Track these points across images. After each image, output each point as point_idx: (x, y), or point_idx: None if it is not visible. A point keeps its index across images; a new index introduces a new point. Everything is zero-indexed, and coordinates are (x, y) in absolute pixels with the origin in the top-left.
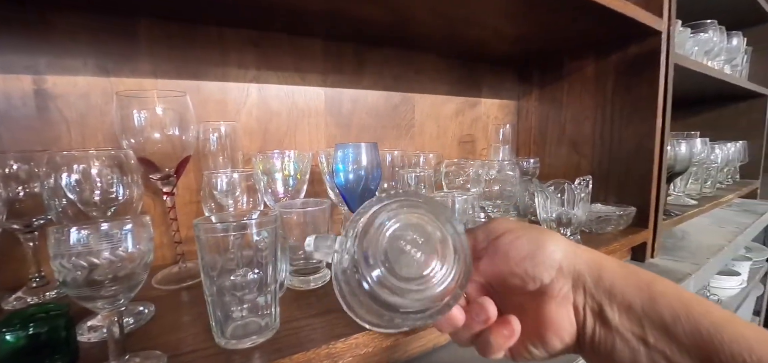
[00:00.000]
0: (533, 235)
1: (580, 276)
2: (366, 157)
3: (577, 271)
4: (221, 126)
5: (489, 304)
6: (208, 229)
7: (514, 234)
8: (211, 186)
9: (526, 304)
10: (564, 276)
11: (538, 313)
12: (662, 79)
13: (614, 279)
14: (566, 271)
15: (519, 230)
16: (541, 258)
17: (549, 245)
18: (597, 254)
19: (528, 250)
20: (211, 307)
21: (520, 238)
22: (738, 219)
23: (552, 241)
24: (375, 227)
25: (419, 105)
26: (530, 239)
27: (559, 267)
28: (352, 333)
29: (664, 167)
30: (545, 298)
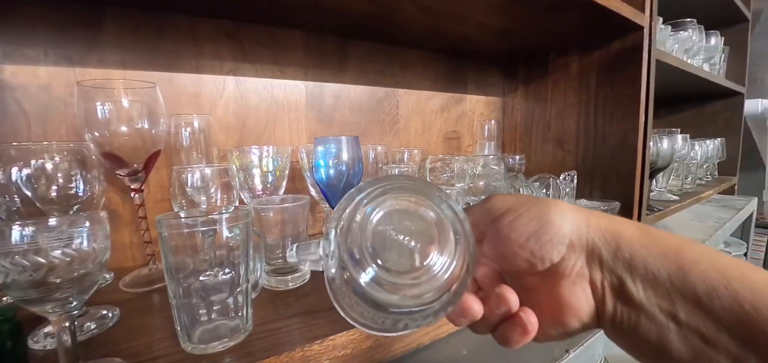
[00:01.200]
0: (535, 210)
1: (595, 248)
2: (347, 152)
3: (590, 244)
4: (194, 120)
5: (509, 293)
6: (172, 226)
7: (514, 213)
8: (181, 181)
9: (539, 286)
10: (576, 251)
11: (552, 294)
12: (645, 75)
13: (635, 248)
14: (578, 246)
15: (519, 207)
16: (547, 235)
17: (555, 219)
18: (613, 219)
19: (531, 229)
20: (176, 310)
21: (521, 217)
22: (717, 214)
23: (558, 214)
24: (358, 221)
25: (404, 100)
26: (532, 216)
27: (569, 242)
28: (329, 334)
29: (647, 163)
30: (557, 277)
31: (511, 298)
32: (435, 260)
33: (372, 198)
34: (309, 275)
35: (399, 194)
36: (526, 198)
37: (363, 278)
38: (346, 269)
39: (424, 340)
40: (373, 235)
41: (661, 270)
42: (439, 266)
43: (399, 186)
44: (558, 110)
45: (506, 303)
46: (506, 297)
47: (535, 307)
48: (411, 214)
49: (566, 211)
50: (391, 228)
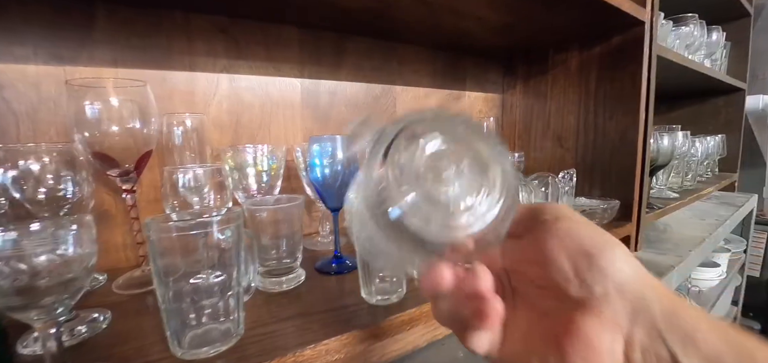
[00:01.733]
0: (598, 233)
1: (648, 308)
2: (343, 151)
3: (644, 301)
4: (186, 118)
5: (484, 273)
6: (160, 229)
7: (573, 222)
8: (172, 182)
9: (552, 309)
10: (624, 299)
11: (566, 323)
12: (645, 71)
13: (698, 324)
14: (629, 295)
15: (581, 221)
16: (603, 263)
17: (617, 254)
18: (673, 292)
19: (587, 245)
20: (165, 315)
21: (582, 230)
22: (718, 211)
23: (621, 251)
24: (410, 142)
25: (401, 97)
26: (594, 236)
27: (620, 285)
28: (322, 339)
29: (647, 160)
30: (585, 311)
31: (484, 278)
32: (476, 204)
33: (426, 124)
34: (304, 276)
35: (453, 127)
36: (587, 220)
37: (402, 203)
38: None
39: (420, 342)
40: (424, 161)
41: (728, 358)
42: (478, 213)
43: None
44: (557, 107)
45: (475, 281)
46: (478, 273)
47: (541, 332)
48: (461, 152)
49: (629, 254)
50: (442, 159)
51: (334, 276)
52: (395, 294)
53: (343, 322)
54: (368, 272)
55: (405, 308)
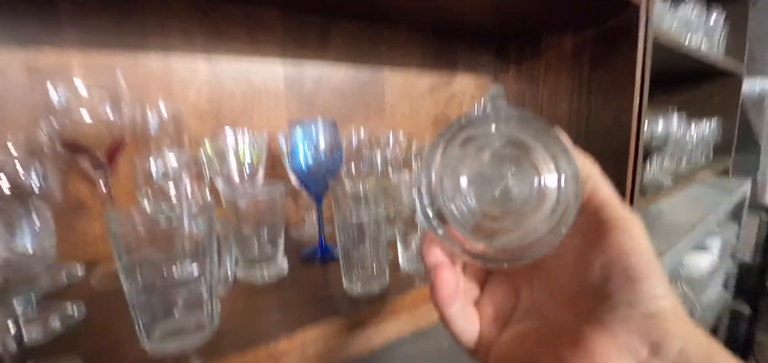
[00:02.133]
0: (649, 257)
1: (680, 349)
2: (324, 137)
3: (673, 339)
4: (162, 106)
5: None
6: (122, 221)
7: (628, 236)
8: (145, 171)
9: (560, 318)
10: (648, 329)
11: (573, 335)
12: (641, 53)
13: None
14: (656, 328)
15: (638, 237)
16: (642, 288)
17: (659, 285)
18: (711, 339)
19: (634, 267)
20: (134, 310)
21: (635, 246)
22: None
23: (664, 284)
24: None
25: (390, 82)
26: (643, 258)
27: (651, 315)
28: (298, 330)
29: (641, 145)
30: (600, 328)
31: (433, 250)
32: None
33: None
34: (286, 266)
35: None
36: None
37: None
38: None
39: (405, 332)
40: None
41: None
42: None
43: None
44: (550, 92)
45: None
46: (429, 244)
47: (540, 339)
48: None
49: (671, 290)
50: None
51: (318, 266)
52: (378, 283)
53: (323, 312)
54: (350, 262)
55: (388, 298)
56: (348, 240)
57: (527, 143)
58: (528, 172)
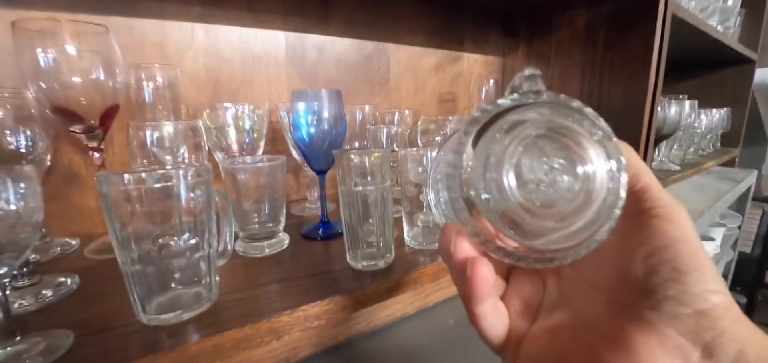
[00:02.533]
0: (699, 249)
1: (737, 351)
2: (329, 108)
3: (730, 340)
4: (157, 72)
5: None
6: (113, 183)
7: (675, 224)
8: (139, 139)
9: (598, 314)
10: (700, 328)
11: (613, 333)
12: (659, 31)
13: None
14: (709, 326)
15: (685, 226)
16: (690, 281)
17: (710, 277)
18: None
19: (682, 258)
20: (129, 280)
21: (682, 235)
22: (717, 186)
23: (716, 277)
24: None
25: (395, 56)
26: (693, 250)
27: (702, 312)
28: (302, 304)
29: (653, 129)
30: (643, 326)
31: (462, 243)
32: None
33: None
34: (287, 241)
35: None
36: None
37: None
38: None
39: (409, 309)
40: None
41: None
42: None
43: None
44: (561, 71)
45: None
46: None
47: (574, 336)
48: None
49: (724, 285)
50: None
51: (320, 242)
52: (383, 259)
53: (326, 288)
54: (354, 237)
55: (392, 274)
56: (352, 214)
57: (572, 129)
58: (574, 163)
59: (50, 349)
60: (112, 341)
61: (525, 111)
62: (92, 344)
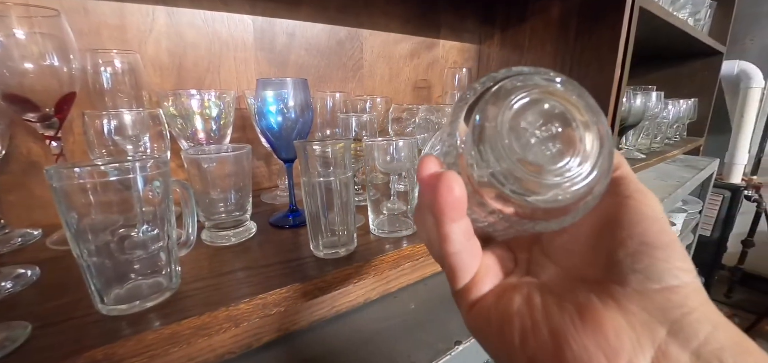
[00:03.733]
0: (668, 230)
1: (706, 334)
2: (295, 95)
3: (697, 321)
4: (115, 57)
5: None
6: (66, 177)
7: (646, 206)
8: (96, 128)
9: (566, 286)
10: (667, 306)
11: (579, 305)
12: (626, 23)
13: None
14: (676, 304)
15: (656, 209)
16: (659, 256)
17: (679, 256)
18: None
19: (652, 236)
20: (86, 272)
21: (652, 214)
22: (680, 173)
23: (685, 258)
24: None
25: (369, 42)
26: (662, 229)
27: (670, 289)
28: (260, 292)
29: (617, 118)
30: (610, 300)
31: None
32: (570, 168)
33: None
34: (255, 230)
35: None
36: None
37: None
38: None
39: (372, 295)
40: (511, 130)
41: None
42: (572, 178)
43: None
44: (534, 60)
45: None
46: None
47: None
48: (557, 113)
49: (692, 267)
50: (528, 122)
51: (288, 230)
52: (344, 248)
53: (287, 275)
54: (317, 226)
55: (353, 262)
56: (315, 203)
57: (573, 103)
58: (571, 135)
59: (7, 340)
60: (69, 331)
61: (515, 80)
62: (49, 335)
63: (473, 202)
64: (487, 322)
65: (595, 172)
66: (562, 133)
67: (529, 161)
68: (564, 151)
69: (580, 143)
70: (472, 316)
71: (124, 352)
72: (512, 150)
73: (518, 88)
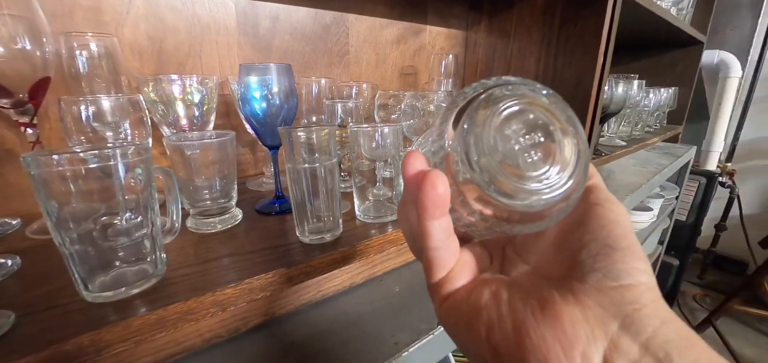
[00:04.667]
0: (630, 234)
1: (656, 329)
2: (279, 80)
3: (648, 317)
4: (91, 41)
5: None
6: (44, 164)
7: (612, 212)
8: (73, 114)
9: (531, 281)
10: (621, 302)
11: (541, 300)
12: (609, 11)
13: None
14: (630, 301)
15: (622, 215)
16: (617, 256)
17: (637, 257)
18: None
19: (613, 238)
20: (68, 260)
21: (616, 219)
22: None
23: (643, 260)
24: (486, 106)
25: (355, 27)
26: (624, 232)
27: (625, 287)
28: (245, 278)
29: (599, 106)
30: (569, 295)
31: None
32: (549, 175)
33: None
34: (240, 217)
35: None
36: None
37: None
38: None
39: (358, 279)
40: (497, 130)
41: None
42: (550, 184)
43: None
44: (520, 47)
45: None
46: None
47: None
48: (539, 123)
49: (650, 271)
50: (518, 127)
51: (274, 216)
52: (329, 233)
53: (273, 261)
54: (302, 212)
55: (339, 247)
56: (300, 190)
57: (556, 115)
58: (552, 145)
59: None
60: (54, 319)
61: (504, 88)
62: (35, 323)
63: (456, 202)
64: (457, 316)
65: (572, 181)
66: (543, 143)
67: (511, 165)
68: (544, 159)
69: (559, 153)
70: (444, 309)
71: (110, 337)
72: (496, 153)
73: (507, 96)
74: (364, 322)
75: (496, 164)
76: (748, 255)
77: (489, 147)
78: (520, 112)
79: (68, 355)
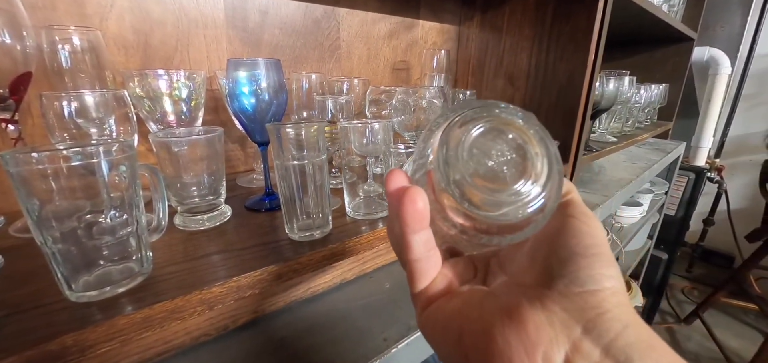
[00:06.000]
0: (601, 243)
1: (618, 332)
2: (268, 76)
3: (612, 321)
4: (73, 34)
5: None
6: (23, 162)
7: (584, 223)
8: (55, 110)
9: (503, 289)
10: (585, 307)
11: (509, 305)
12: (601, 7)
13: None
14: (592, 306)
15: (596, 227)
16: (583, 264)
17: (605, 265)
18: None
19: (583, 248)
20: (51, 259)
21: (588, 230)
22: (648, 156)
23: (611, 268)
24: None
25: (346, 22)
26: (594, 242)
27: (589, 293)
28: (234, 275)
29: (590, 102)
30: (535, 301)
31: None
32: (525, 189)
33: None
34: (229, 214)
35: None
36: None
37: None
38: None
39: (349, 275)
40: (468, 151)
41: None
42: (526, 198)
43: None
44: (512, 43)
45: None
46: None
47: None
48: (510, 140)
49: (619, 279)
50: (489, 149)
51: (264, 213)
52: (319, 230)
53: (262, 258)
54: (291, 209)
55: (328, 244)
56: (289, 187)
57: (528, 134)
58: (524, 162)
59: None
60: (38, 319)
61: (481, 111)
62: (17, 323)
63: (437, 216)
64: (434, 323)
65: (545, 193)
66: (517, 160)
67: (483, 179)
68: (518, 175)
69: (532, 169)
70: (423, 317)
71: (95, 337)
72: (469, 168)
73: (481, 117)
74: (354, 319)
75: (468, 178)
76: (734, 249)
77: (462, 162)
78: (493, 131)
79: (52, 355)
